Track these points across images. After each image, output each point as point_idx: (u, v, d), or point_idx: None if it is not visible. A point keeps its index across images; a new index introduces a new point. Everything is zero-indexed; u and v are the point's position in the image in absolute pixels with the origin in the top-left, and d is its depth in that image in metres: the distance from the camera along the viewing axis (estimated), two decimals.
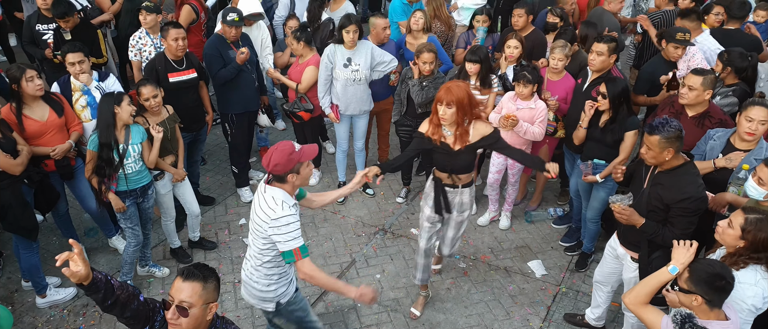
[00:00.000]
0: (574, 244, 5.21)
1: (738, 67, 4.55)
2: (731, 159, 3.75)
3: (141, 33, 5.59)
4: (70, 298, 4.59)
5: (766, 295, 2.90)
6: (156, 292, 4.72)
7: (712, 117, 4.16)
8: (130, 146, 4.21)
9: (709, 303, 2.66)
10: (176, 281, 2.46)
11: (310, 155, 3.20)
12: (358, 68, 5.31)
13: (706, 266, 2.70)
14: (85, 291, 2.44)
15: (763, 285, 2.91)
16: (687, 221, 3.30)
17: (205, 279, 2.46)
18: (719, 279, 2.64)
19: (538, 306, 4.62)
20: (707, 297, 2.65)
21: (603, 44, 4.58)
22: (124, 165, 4.20)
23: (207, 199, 5.80)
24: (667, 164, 3.36)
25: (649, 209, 3.44)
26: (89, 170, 4.19)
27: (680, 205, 3.27)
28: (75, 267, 2.35)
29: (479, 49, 5.06)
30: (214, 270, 2.56)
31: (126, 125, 4.19)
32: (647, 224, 3.42)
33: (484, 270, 4.98)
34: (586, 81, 4.79)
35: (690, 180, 3.32)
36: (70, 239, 2.46)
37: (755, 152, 3.69)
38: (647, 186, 3.49)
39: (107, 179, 4.17)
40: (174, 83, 4.97)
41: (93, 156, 4.14)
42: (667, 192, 3.33)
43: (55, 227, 5.12)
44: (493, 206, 5.57)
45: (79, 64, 4.57)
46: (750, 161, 3.66)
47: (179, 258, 5.04)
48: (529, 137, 4.90)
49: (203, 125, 5.36)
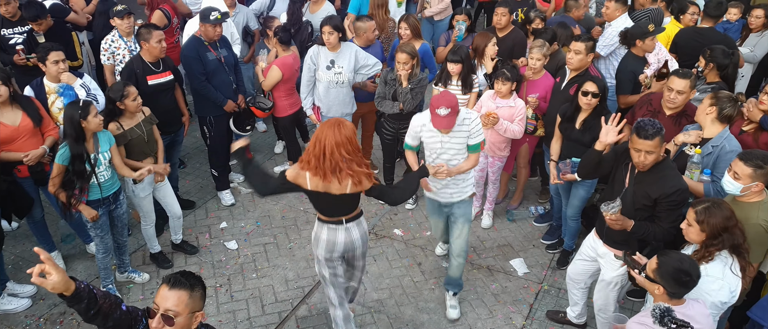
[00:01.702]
0: (555, 242, 5.25)
1: (720, 64, 4.63)
2: (690, 134, 3.83)
3: (113, 36, 5.51)
4: (23, 309, 4.48)
5: (733, 290, 2.97)
6: (136, 298, 4.66)
7: (688, 115, 4.22)
8: (101, 154, 4.12)
9: (671, 295, 2.79)
10: (162, 289, 2.40)
11: None
12: (341, 71, 5.29)
13: (676, 261, 2.78)
14: (67, 302, 2.33)
15: (730, 279, 2.97)
16: (675, 215, 3.35)
17: (191, 288, 2.41)
18: (684, 275, 2.73)
19: (520, 305, 4.65)
20: (669, 288, 2.77)
21: (581, 43, 4.63)
22: (96, 174, 4.10)
23: (187, 203, 5.73)
24: None
25: (637, 208, 3.48)
26: (56, 185, 4.02)
27: (669, 199, 3.32)
28: (47, 275, 2.23)
29: (460, 49, 5.07)
30: (200, 278, 2.51)
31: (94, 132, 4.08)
32: (637, 226, 3.44)
33: (467, 270, 4.99)
34: (564, 80, 4.83)
35: (673, 174, 3.40)
36: (35, 248, 2.32)
37: (714, 140, 3.76)
38: (630, 186, 3.52)
39: (78, 191, 4.05)
40: (152, 85, 4.93)
41: (61, 171, 3.98)
42: (653, 188, 3.38)
43: (30, 234, 5.02)
44: (476, 203, 5.61)
45: (63, 63, 4.51)
46: (707, 148, 3.73)
47: (159, 262, 4.97)
48: (508, 135, 4.94)
49: (180, 126, 5.31)
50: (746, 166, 3.24)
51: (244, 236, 5.39)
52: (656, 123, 3.29)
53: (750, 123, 4.18)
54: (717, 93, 3.82)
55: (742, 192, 3.31)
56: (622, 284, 3.78)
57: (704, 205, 3.05)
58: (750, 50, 6.14)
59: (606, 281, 3.81)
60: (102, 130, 4.13)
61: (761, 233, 3.29)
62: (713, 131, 3.80)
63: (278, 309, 4.57)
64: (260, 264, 5.04)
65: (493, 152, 5.15)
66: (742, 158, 3.30)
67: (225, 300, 4.63)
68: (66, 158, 3.97)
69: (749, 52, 6.12)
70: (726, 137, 3.78)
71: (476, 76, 5.20)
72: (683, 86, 4.09)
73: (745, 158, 3.28)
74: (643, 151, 3.28)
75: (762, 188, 3.30)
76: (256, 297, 4.67)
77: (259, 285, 4.78)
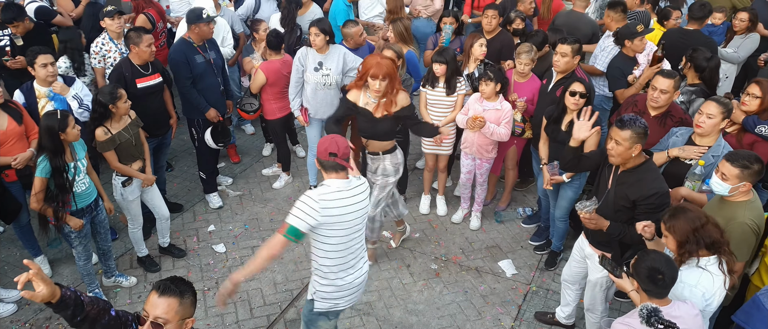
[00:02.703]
0: (543, 243, 5.28)
1: (697, 66, 4.70)
2: (685, 150, 3.86)
3: (103, 39, 5.47)
4: (8, 314, 4.44)
5: (708, 297, 2.98)
6: (123, 302, 4.62)
7: (673, 116, 4.27)
8: (79, 161, 4.08)
9: (647, 292, 2.83)
10: (151, 295, 2.37)
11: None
12: (329, 73, 5.29)
13: (652, 259, 2.81)
14: (53, 309, 2.31)
15: (706, 286, 2.98)
16: (654, 218, 3.36)
17: (181, 294, 2.39)
18: (656, 273, 2.77)
19: (509, 306, 4.66)
20: (644, 286, 2.82)
21: (567, 46, 4.66)
22: (76, 183, 4.04)
23: (175, 206, 5.69)
24: (630, 163, 3.43)
25: (616, 209, 3.50)
26: (39, 201, 3.92)
27: (646, 202, 3.34)
28: (37, 287, 2.22)
29: (446, 51, 5.09)
30: (191, 284, 2.49)
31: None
32: (613, 227, 3.48)
33: (456, 271, 5.01)
34: (551, 82, 4.86)
35: (653, 177, 3.41)
36: (25, 260, 2.29)
37: (713, 149, 3.79)
38: (612, 187, 3.55)
39: (61, 203, 3.99)
40: (142, 88, 4.91)
41: (43, 184, 3.89)
42: (632, 190, 3.40)
43: (15, 239, 4.97)
44: (465, 204, 5.65)
45: (52, 66, 4.49)
46: (708, 157, 3.76)
47: (147, 266, 4.94)
48: (495, 138, 4.96)
49: (168, 129, 5.29)
50: (733, 167, 3.27)
51: (232, 239, 5.37)
52: (638, 119, 3.34)
53: (733, 124, 4.24)
54: (725, 104, 3.82)
55: (730, 193, 3.33)
56: (609, 284, 3.82)
57: (669, 212, 3.08)
58: (733, 51, 6.21)
59: (592, 281, 3.85)
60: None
61: (747, 232, 3.31)
62: (712, 140, 3.84)
63: (267, 312, 4.56)
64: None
65: (481, 154, 5.17)
66: (728, 159, 3.32)
67: (213, 304, 4.61)
68: (48, 171, 3.89)
69: (733, 53, 6.20)
70: (723, 146, 3.82)
71: (461, 78, 5.22)
72: (667, 85, 4.13)
73: (732, 158, 3.31)
74: (614, 139, 3.37)
75: (749, 188, 3.33)
76: (245, 300, 4.65)
77: (247, 288, 4.76)
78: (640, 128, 3.32)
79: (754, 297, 3.24)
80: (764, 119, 4.09)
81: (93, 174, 4.29)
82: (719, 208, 3.33)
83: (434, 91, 5.20)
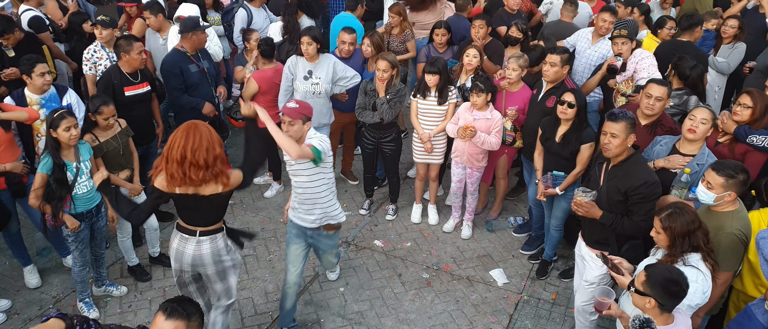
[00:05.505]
0: (535, 252, 5.29)
1: (680, 74, 4.81)
2: (670, 160, 3.92)
3: (96, 47, 5.50)
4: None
5: (705, 290, 3.05)
6: (113, 312, 4.60)
7: (663, 125, 4.30)
8: (82, 163, 4.10)
9: (661, 307, 2.79)
10: (157, 318, 2.35)
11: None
12: (319, 81, 5.31)
13: (664, 271, 2.81)
14: None
15: (702, 281, 3.04)
16: (646, 208, 3.46)
17: (188, 317, 2.37)
18: (674, 285, 2.76)
19: (500, 315, 4.66)
20: (660, 300, 2.77)
21: (556, 56, 4.69)
22: (77, 184, 4.06)
23: (164, 215, 5.67)
24: (619, 157, 3.55)
25: (611, 204, 3.60)
26: (37, 197, 3.96)
27: (637, 191, 3.45)
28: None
29: (437, 61, 5.12)
30: (197, 305, 2.47)
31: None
32: (605, 216, 3.59)
33: (447, 280, 5.01)
34: (541, 92, 4.89)
35: (642, 167, 3.56)
36: None
37: (698, 157, 3.84)
38: (604, 183, 3.64)
39: (60, 201, 4.01)
40: (129, 96, 4.92)
41: (44, 180, 3.95)
42: (622, 182, 3.51)
43: (5, 248, 4.94)
44: (456, 213, 5.66)
45: (48, 75, 4.53)
46: (693, 165, 3.80)
47: (137, 275, 4.91)
48: (486, 147, 4.99)
49: (154, 137, 5.29)
50: (719, 176, 3.31)
51: None
52: (627, 112, 3.50)
53: (725, 135, 4.27)
54: (713, 113, 3.91)
55: (716, 202, 3.36)
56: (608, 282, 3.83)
57: (667, 211, 3.13)
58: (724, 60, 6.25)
59: (588, 281, 3.88)
60: (80, 141, 4.11)
61: (735, 242, 3.33)
62: (696, 148, 3.89)
63: (258, 321, 4.54)
64: (240, 276, 4.99)
65: (471, 163, 5.19)
66: (714, 168, 3.35)
67: None
68: (49, 167, 3.95)
69: (723, 62, 6.24)
70: (708, 154, 3.87)
71: (453, 87, 5.25)
72: (661, 92, 4.20)
73: (718, 168, 3.34)
74: (609, 133, 3.49)
75: (735, 197, 3.36)
76: (236, 309, 4.63)
77: (238, 298, 4.74)
78: (631, 119, 3.51)
79: (746, 307, 3.26)
80: (756, 128, 4.13)
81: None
82: (707, 218, 3.35)
83: (426, 100, 5.22)
